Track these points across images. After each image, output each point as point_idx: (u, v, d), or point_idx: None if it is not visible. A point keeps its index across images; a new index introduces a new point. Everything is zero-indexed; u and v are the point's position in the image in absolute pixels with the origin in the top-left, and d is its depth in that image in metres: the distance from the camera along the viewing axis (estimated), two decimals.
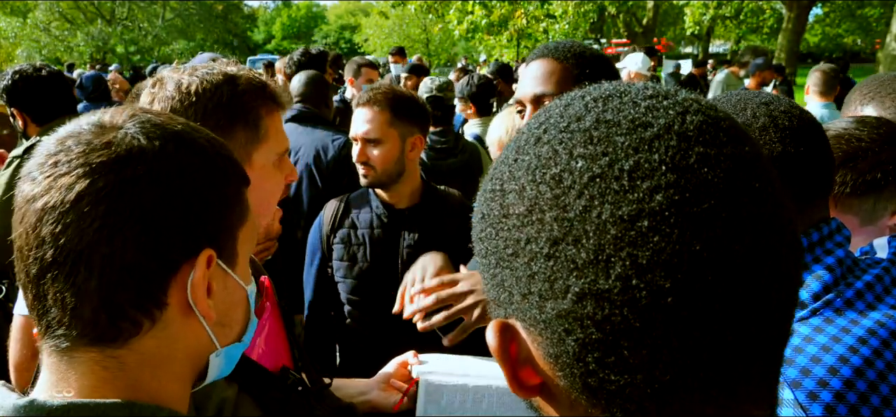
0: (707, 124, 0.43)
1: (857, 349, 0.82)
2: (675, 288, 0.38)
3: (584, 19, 16.63)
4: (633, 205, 0.40)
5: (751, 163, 0.43)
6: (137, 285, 0.62)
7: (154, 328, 0.65)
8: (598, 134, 0.43)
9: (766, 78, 6.19)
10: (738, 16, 20.91)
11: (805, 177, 0.92)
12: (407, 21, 34.83)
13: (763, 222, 0.41)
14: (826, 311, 0.88)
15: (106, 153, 0.62)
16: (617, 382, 0.41)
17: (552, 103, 0.50)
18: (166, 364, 0.68)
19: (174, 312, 0.66)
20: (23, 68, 2.67)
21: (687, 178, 0.40)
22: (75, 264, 0.60)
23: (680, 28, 24.93)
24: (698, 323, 0.39)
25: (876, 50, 19.92)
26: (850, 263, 0.93)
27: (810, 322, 0.87)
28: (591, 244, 0.40)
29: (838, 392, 0.79)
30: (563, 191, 0.42)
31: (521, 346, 0.47)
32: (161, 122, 0.69)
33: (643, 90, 0.46)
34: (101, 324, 0.62)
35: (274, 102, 1.17)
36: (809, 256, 0.92)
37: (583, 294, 0.41)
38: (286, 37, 52.78)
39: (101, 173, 0.61)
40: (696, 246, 0.38)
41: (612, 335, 0.40)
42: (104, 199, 0.60)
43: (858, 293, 0.89)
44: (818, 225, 0.93)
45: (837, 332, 0.85)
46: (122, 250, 0.61)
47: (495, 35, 17.63)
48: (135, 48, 33.22)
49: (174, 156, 0.66)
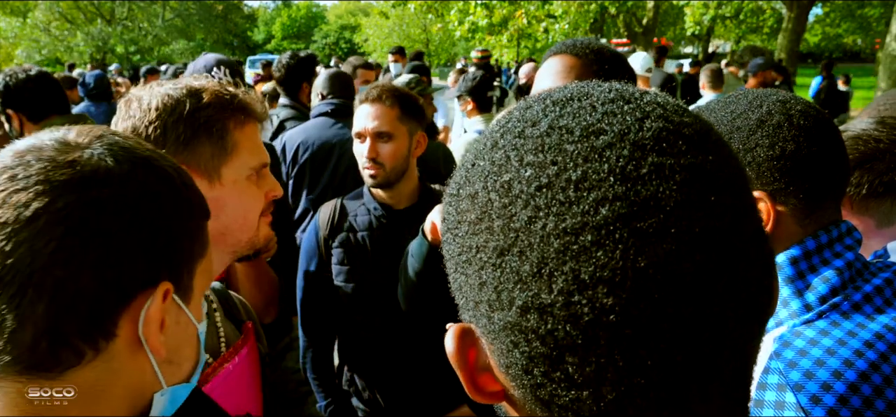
0: (667, 131, 0.41)
1: (862, 353, 0.81)
2: (617, 306, 0.37)
3: (584, 19, 16.63)
4: (577, 218, 0.38)
5: (711, 173, 0.40)
6: (88, 313, 0.58)
7: (96, 359, 0.60)
8: (549, 141, 0.41)
9: (769, 77, 6.15)
10: (737, 16, 20.90)
11: (817, 178, 0.91)
12: (407, 21, 34.85)
13: (718, 238, 0.39)
14: (832, 314, 0.87)
15: (69, 171, 0.59)
16: (564, 397, 0.40)
17: (515, 106, 0.48)
18: (101, 399, 0.62)
19: (121, 345, 0.62)
20: (12, 71, 2.70)
21: (636, 190, 0.38)
22: (23, 285, 0.55)
23: (680, 28, 24.92)
24: (644, 342, 0.37)
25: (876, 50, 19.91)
26: (860, 266, 0.92)
27: (816, 325, 0.86)
28: (534, 256, 0.39)
29: (842, 395, 0.78)
30: (511, 200, 0.41)
31: (480, 353, 0.46)
32: (129, 146, 0.65)
33: (606, 93, 0.44)
34: (39, 352, 0.57)
35: (244, 114, 1.12)
36: (817, 258, 0.90)
37: (526, 307, 0.39)
38: (286, 37, 52.79)
39: (63, 192, 0.57)
40: (640, 262, 0.36)
41: (556, 349, 0.39)
42: (63, 220, 0.56)
43: (866, 297, 0.88)
44: (828, 227, 0.92)
45: (843, 336, 0.83)
46: (77, 275, 0.57)
47: (496, 35, 17.63)
48: (135, 48, 33.20)
49: (142, 181, 0.63)
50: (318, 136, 2.96)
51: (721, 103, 0.98)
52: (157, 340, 0.64)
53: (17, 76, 2.64)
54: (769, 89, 0.98)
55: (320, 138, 2.94)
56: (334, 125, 3.00)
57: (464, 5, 17.83)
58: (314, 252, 1.99)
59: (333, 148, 2.93)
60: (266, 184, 1.16)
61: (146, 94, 1.07)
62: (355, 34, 45.71)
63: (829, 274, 0.89)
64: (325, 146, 2.93)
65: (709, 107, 1.00)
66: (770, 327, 0.90)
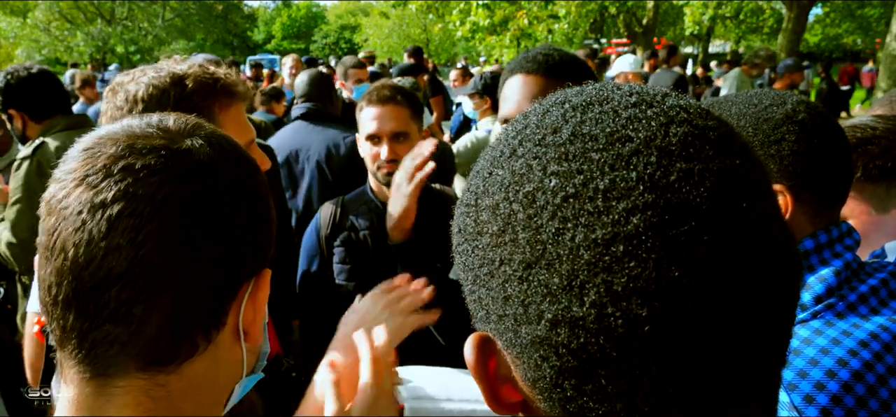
0: (693, 136, 0.40)
1: (856, 352, 0.82)
2: (652, 316, 0.36)
3: (584, 19, 16.62)
4: (607, 229, 0.37)
5: (740, 178, 0.39)
6: (208, 303, 0.58)
7: (206, 350, 0.60)
8: (573, 149, 0.40)
9: (796, 80, 6.13)
10: (737, 16, 20.89)
11: (832, 178, 0.94)
12: (407, 21, 34.84)
13: (750, 243, 0.38)
14: (827, 314, 0.87)
15: (187, 160, 0.58)
16: (597, 410, 0.39)
17: (531, 110, 0.47)
18: (209, 390, 0.63)
19: (226, 335, 0.62)
20: (14, 69, 2.67)
21: (666, 198, 0.37)
22: (152, 276, 0.54)
23: (680, 28, 24.91)
24: (679, 351, 0.37)
25: (876, 50, 19.91)
26: (856, 267, 0.93)
27: (810, 324, 0.87)
28: (564, 269, 0.38)
29: (835, 395, 0.78)
30: (536, 212, 0.40)
31: (501, 363, 0.45)
32: (223, 136, 0.66)
33: (628, 97, 0.43)
34: (162, 344, 0.56)
35: (228, 96, 1.15)
36: (816, 257, 0.92)
37: (556, 320, 0.38)
38: (286, 37, 52.77)
39: (187, 180, 0.57)
40: (674, 272, 0.36)
41: (588, 363, 0.38)
42: (189, 209, 0.56)
43: (862, 297, 0.89)
44: (827, 227, 0.94)
45: (837, 335, 0.84)
46: (201, 265, 0.56)
47: (497, 35, 17.63)
48: (135, 48, 33.19)
49: (245, 171, 0.63)
50: (292, 140, 2.99)
51: (742, 97, 1.00)
52: (257, 329, 0.64)
53: (19, 74, 2.63)
54: (789, 91, 1.01)
55: (295, 142, 2.97)
56: (314, 129, 3.03)
57: (465, 5, 17.82)
58: (315, 251, 1.99)
59: (310, 151, 2.95)
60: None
61: (132, 84, 1.08)
62: (355, 34, 45.69)
63: (826, 273, 0.90)
64: (302, 150, 2.96)
65: (729, 99, 1.01)
66: None
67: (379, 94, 1.90)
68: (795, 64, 6.35)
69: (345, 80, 4.72)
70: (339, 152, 2.92)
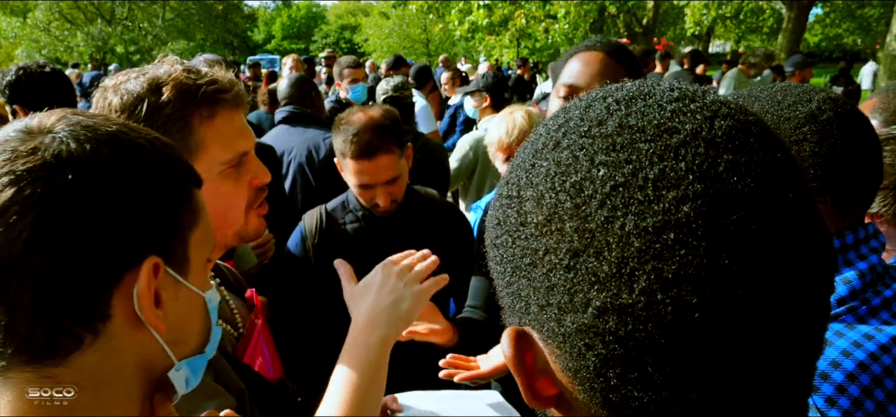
0: (737, 129, 0.41)
1: (878, 356, 0.81)
2: (702, 304, 0.37)
3: (584, 19, 16.62)
4: (658, 217, 0.38)
5: (782, 170, 0.41)
6: (76, 296, 0.59)
7: (97, 341, 0.61)
8: (621, 140, 0.41)
9: (807, 76, 6.11)
10: (737, 16, 20.88)
11: (856, 181, 0.91)
12: (407, 21, 34.83)
13: (795, 233, 0.39)
14: (849, 316, 0.87)
15: (32, 159, 0.59)
16: (640, 399, 0.39)
17: (571, 104, 0.48)
18: (111, 381, 0.63)
19: (119, 324, 0.62)
20: (27, 65, 2.66)
21: (715, 188, 0.38)
22: (6, 277, 0.56)
23: (680, 28, 24.90)
24: (727, 339, 0.37)
25: (876, 50, 19.89)
26: (881, 270, 0.91)
27: (832, 326, 0.86)
28: (613, 256, 0.38)
29: (856, 399, 0.78)
30: (583, 201, 0.40)
31: (537, 356, 0.45)
32: (93, 124, 0.65)
33: (669, 92, 0.44)
34: (38, 340, 0.58)
35: (210, 105, 1.04)
36: (841, 258, 0.90)
37: (604, 308, 0.39)
38: (286, 37, 52.76)
39: (28, 181, 0.57)
40: (724, 259, 0.37)
41: (635, 351, 0.38)
42: (32, 208, 0.57)
43: (885, 302, 0.88)
44: (854, 227, 0.92)
45: (859, 338, 0.83)
46: (56, 260, 0.57)
47: (497, 35, 17.62)
48: (135, 48, 33.18)
49: (108, 158, 0.62)
50: (275, 144, 3.00)
51: (766, 93, 0.96)
52: (152, 315, 0.64)
53: (32, 71, 2.62)
54: (816, 86, 0.97)
55: (278, 145, 2.99)
56: (294, 131, 3.07)
57: (464, 5, 17.82)
58: (303, 263, 1.97)
59: (292, 153, 2.98)
60: (248, 172, 1.10)
61: (111, 90, 1.03)
62: (355, 34, 45.68)
63: (851, 275, 0.88)
64: (285, 152, 2.99)
65: (752, 95, 0.98)
66: None
67: (365, 147, 1.75)
68: (804, 60, 6.33)
69: (341, 81, 4.72)
70: (320, 153, 2.95)
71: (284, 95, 3.31)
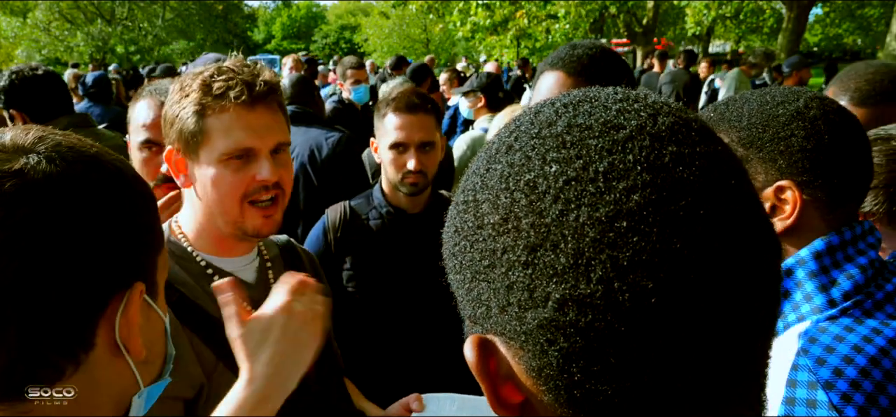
0: (679, 124, 0.43)
1: (888, 351, 0.82)
2: (657, 288, 0.38)
3: (584, 19, 16.62)
4: (610, 207, 0.39)
5: (724, 161, 0.43)
6: (63, 328, 0.55)
7: (76, 372, 0.57)
8: (570, 138, 0.43)
9: (805, 76, 6.15)
10: (737, 16, 20.89)
11: (845, 175, 0.93)
12: (407, 21, 34.85)
13: (739, 217, 0.41)
14: (856, 311, 0.88)
15: (16, 182, 0.53)
16: (604, 392, 0.40)
17: (521, 112, 0.50)
18: (89, 409, 0.60)
19: (100, 353, 0.59)
20: (20, 68, 2.66)
21: (663, 177, 0.39)
22: None
23: (680, 28, 24.93)
24: (684, 322, 0.38)
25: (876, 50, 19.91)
26: (880, 265, 0.93)
27: (840, 321, 0.87)
28: (569, 248, 0.39)
29: (870, 394, 0.79)
30: (538, 197, 0.41)
31: (501, 362, 0.45)
32: (74, 145, 0.61)
33: (613, 94, 0.46)
34: (15, 377, 0.53)
35: (219, 101, 1.16)
36: (841, 254, 0.92)
37: (564, 300, 0.40)
38: (286, 37, 52.79)
39: (16, 205, 0.52)
40: (676, 244, 0.38)
41: (596, 341, 0.39)
42: (21, 235, 0.52)
43: (888, 296, 0.89)
44: (850, 223, 0.94)
45: (868, 333, 0.85)
46: (45, 291, 0.53)
47: (497, 35, 17.64)
48: (135, 48, 33.18)
49: (96, 183, 0.58)
50: None
51: (754, 94, 1.00)
52: (137, 342, 0.61)
53: (25, 74, 2.61)
54: (803, 88, 1.00)
55: None
56: (296, 131, 3.06)
57: (465, 5, 17.83)
58: (324, 256, 1.97)
59: (295, 152, 2.98)
60: (250, 168, 1.19)
61: (164, 94, 1.14)
62: (355, 34, 45.70)
63: (854, 271, 0.90)
64: None
65: (742, 96, 1.01)
66: (792, 321, 0.91)
67: (407, 101, 1.82)
68: (801, 60, 6.36)
69: (344, 81, 4.71)
70: (322, 153, 2.95)
71: (286, 95, 3.32)
